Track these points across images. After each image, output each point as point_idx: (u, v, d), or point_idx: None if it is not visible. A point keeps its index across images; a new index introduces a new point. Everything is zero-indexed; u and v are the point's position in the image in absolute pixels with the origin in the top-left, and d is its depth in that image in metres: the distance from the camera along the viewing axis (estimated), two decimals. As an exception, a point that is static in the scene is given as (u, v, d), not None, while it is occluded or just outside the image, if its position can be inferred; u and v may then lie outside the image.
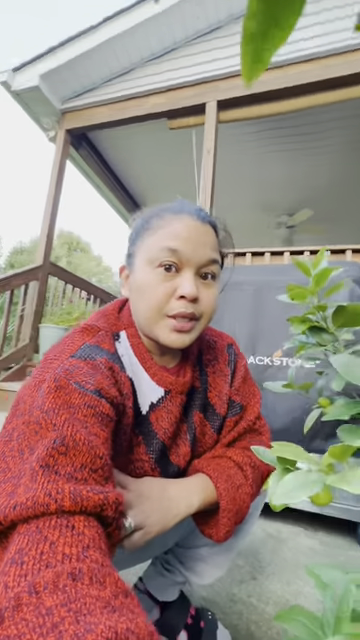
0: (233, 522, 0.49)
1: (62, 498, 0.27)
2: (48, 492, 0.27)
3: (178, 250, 0.45)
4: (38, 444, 0.32)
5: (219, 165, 2.67)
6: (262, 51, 0.23)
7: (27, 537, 0.25)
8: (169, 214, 0.48)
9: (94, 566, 0.23)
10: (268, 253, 2.14)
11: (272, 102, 2.36)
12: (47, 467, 0.29)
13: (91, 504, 0.28)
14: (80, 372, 0.39)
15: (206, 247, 0.47)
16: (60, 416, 0.33)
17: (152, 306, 0.46)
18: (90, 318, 0.51)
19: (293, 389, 0.59)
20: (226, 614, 0.79)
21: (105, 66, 2.70)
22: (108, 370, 0.43)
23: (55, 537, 0.25)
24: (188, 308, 0.46)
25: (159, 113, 2.64)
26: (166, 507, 0.45)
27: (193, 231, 0.47)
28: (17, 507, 0.26)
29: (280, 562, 1.05)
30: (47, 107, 2.87)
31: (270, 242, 4.30)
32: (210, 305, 0.48)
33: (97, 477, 0.32)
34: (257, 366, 1.42)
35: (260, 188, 3.65)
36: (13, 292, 2.56)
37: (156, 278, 0.46)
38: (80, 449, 0.32)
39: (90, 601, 0.20)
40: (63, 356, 0.41)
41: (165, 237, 0.46)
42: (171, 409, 0.51)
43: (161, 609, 0.67)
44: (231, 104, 2.47)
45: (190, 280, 0.46)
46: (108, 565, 0.25)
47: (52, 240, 2.95)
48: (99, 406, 0.37)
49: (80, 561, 0.23)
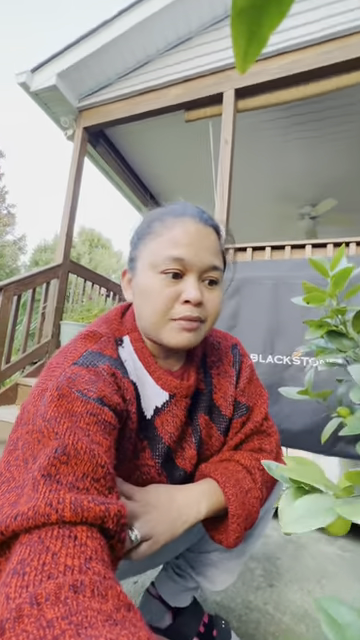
0: (243, 527, 0.48)
1: (63, 508, 0.26)
2: (49, 502, 0.27)
3: (183, 258, 0.45)
4: (40, 453, 0.32)
5: (236, 156, 2.59)
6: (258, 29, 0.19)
7: (29, 547, 0.24)
8: (171, 217, 0.48)
9: (96, 578, 0.23)
10: (288, 247, 2.05)
11: (291, 87, 2.25)
12: (49, 476, 0.29)
13: (92, 515, 0.27)
14: (82, 380, 0.39)
15: (208, 252, 0.47)
16: (62, 425, 0.33)
17: (157, 310, 0.46)
18: (92, 324, 0.50)
19: (310, 397, 0.55)
20: (241, 622, 0.77)
21: (120, 60, 2.68)
22: (110, 377, 0.43)
23: (57, 548, 0.24)
24: (194, 312, 0.45)
25: (175, 105, 2.59)
26: (174, 515, 0.44)
27: (195, 236, 0.46)
28: (18, 517, 0.26)
29: (301, 569, 1.02)
30: (65, 106, 2.89)
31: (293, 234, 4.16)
32: (214, 308, 0.49)
33: (99, 487, 0.31)
34: (275, 366, 1.38)
35: (280, 178, 3.51)
36: (35, 290, 2.63)
37: (160, 283, 0.46)
38: (81, 458, 0.31)
39: (91, 614, 0.20)
40: (65, 364, 0.41)
41: (168, 244, 0.46)
42: (176, 413, 0.50)
43: (173, 615, 0.66)
44: (249, 92, 2.38)
45: (194, 285, 0.46)
46: (110, 578, 0.24)
47: (71, 238, 2.99)
48: (101, 414, 0.37)
49: (82, 573, 0.23)
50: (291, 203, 3.87)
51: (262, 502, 0.51)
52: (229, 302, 1.60)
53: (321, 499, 0.33)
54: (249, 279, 1.57)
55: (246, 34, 0.18)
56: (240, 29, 0.18)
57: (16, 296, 2.43)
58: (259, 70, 2.31)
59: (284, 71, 2.22)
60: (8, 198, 24.05)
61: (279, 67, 2.24)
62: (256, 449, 0.56)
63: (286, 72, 2.21)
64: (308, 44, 2.18)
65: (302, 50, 2.21)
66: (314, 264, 0.45)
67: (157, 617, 0.66)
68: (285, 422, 1.39)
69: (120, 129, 3.09)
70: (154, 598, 0.68)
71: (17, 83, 2.79)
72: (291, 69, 2.21)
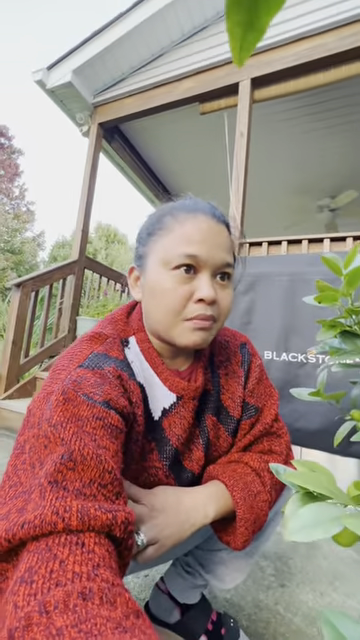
0: (251, 531, 0.47)
1: (69, 517, 0.26)
2: (56, 510, 0.26)
3: (196, 254, 0.44)
4: (47, 459, 0.31)
5: (252, 149, 2.53)
6: (255, 18, 0.18)
7: (37, 555, 0.24)
8: (183, 213, 0.47)
9: (105, 585, 0.23)
10: (305, 241, 1.99)
11: (310, 75, 2.16)
12: (55, 483, 0.29)
13: (98, 524, 0.27)
14: (88, 383, 0.38)
15: (222, 249, 0.46)
16: (68, 430, 0.33)
17: (170, 309, 0.45)
18: (98, 325, 0.50)
19: (322, 399, 0.54)
20: (251, 621, 0.77)
21: (135, 54, 2.66)
22: (116, 379, 0.42)
23: (65, 555, 0.24)
24: (207, 310, 0.45)
25: (190, 98, 2.55)
26: (181, 519, 0.44)
27: (208, 232, 0.45)
28: (25, 525, 0.26)
29: (313, 570, 1.00)
30: (80, 102, 2.91)
31: (313, 227, 4.05)
32: (227, 306, 0.48)
33: (107, 492, 0.31)
34: (290, 364, 1.35)
35: (297, 170, 3.41)
36: (52, 286, 2.69)
37: (172, 280, 0.45)
38: (88, 464, 0.31)
39: (101, 622, 0.20)
40: (71, 366, 0.41)
41: (181, 240, 0.45)
42: (184, 415, 0.50)
43: (182, 611, 0.67)
44: (266, 81, 2.30)
45: (208, 283, 0.45)
46: (119, 584, 0.24)
47: (87, 234, 3.02)
48: (108, 418, 0.37)
49: (91, 580, 0.23)
50: (309, 195, 3.75)
51: (271, 505, 0.50)
52: (243, 298, 1.57)
53: (328, 508, 0.32)
54: (264, 275, 1.54)
55: (242, 23, 0.17)
56: (236, 18, 0.17)
57: (34, 292, 2.49)
58: (276, 58, 2.23)
59: (302, 57, 2.14)
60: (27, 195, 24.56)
61: (296, 54, 2.16)
62: (265, 451, 0.55)
63: (305, 58, 2.13)
64: (328, 28, 2.08)
65: (322, 35, 2.11)
66: (326, 261, 0.43)
67: (166, 612, 0.67)
68: (300, 421, 1.37)
69: (135, 124, 3.08)
70: (163, 593, 0.69)
71: (34, 81, 2.82)
72: (311, 55, 2.12)
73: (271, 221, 4.33)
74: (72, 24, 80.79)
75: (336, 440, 0.55)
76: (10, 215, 18.95)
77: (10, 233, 18.37)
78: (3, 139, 18.46)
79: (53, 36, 76.11)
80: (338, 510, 0.31)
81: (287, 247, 2.05)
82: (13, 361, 2.36)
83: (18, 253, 18.42)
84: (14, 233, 18.64)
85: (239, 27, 0.17)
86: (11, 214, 19.08)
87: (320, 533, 0.29)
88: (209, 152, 3.24)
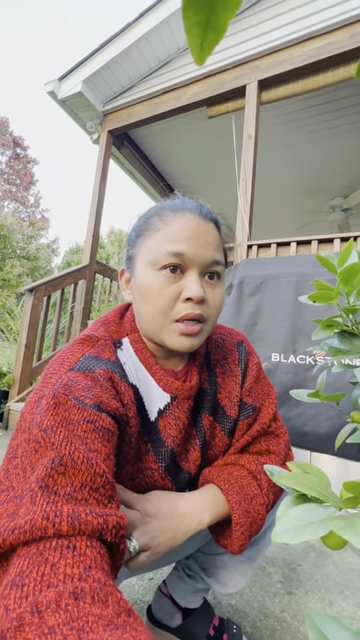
0: (247, 535, 0.47)
1: (60, 522, 0.26)
2: (46, 515, 0.26)
3: (183, 252, 0.44)
4: (38, 463, 0.32)
5: (260, 150, 2.52)
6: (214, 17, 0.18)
7: (27, 559, 0.24)
8: (169, 212, 0.46)
9: (96, 585, 0.23)
10: (315, 241, 1.96)
11: (319, 74, 2.14)
12: (46, 488, 0.29)
13: (89, 528, 0.27)
14: (79, 386, 0.38)
15: (209, 247, 0.45)
16: (58, 434, 0.33)
17: (158, 310, 0.45)
18: (90, 327, 0.50)
19: (321, 400, 0.53)
20: (256, 628, 0.76)
21: (142, 62, 2.71)
22: (108, 381, 0.42)
23: (56, 559, 0.25)
24: (196, 309, 0.44)
25: (198, 102, 2.57)
26: (175, 525, 0.43)
27: (195, 230, 0.45)
28: (15, 530, 0.26)
29: (322, 578, 0.97)
30: (90, 111, 2.97)
31: (325, 228, 3.98)
32: (217, 306, 0.47)
33: (98, 496, 0.31)
34: (298, 366, 1.32)
35: (307, 170, 3.37)
36: (64, 290, 2.74)
37: (160, 280, 0.44)
38: (79, 468, 0.31)
39: (92, 619, 0.20)
40: (62, 370, 0.41)
41: (167, 239, 0.45)
42: (179, 415, 0.49)
43: (183, 615, 0.66)
44: (273, 82, 2.30)
45: (196, 281, 0.44)
46: (110, 584, 0.24)
47: (98, 239, 3.07)
48: (99, 420, 0.37)
49: (82, 581, 0.23)
50: (320, 196, 3.70)
51: (269, 508, 0.49)
52: (250, 300, 1.56)
53: (317, 509, 0.31)
54: (271, 276, 1.52)
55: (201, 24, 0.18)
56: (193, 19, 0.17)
57: (46, 297, 2.54)
58: (284, 59, 2.23)
59: (310, 57, 2.12)
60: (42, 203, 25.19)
61: (304, 54, 2.14)
62: (263, 451, 0.54)
63: (314, 58, 2.11)
64: (337, 26, 2.06)
65: (330, 33, 2.09)
66: (321, 260, 0.43)
67: (167, 616, 0.67)
68: (309, 424, 1.34)
69: (143, 130, 3.13)
70: (165, 596, 0.69)
71: (46, 92, 2.91)
72: (319, 54, 2.11)
73: (282, 223, 4.29)
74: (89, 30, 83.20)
75: (337, 442, 0.54)
76: (26, 223, 19.48)
77: (26, 240, 18.87)
78: (19, 149, 19.06)
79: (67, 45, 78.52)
80: (327, 512, 0.30)
81: (296, 248, 2.02)
82: (26, 364, 2.41)
83: (33, 259, 18.89)
84: (29, 240, 19.14)
85: (197, 27, 0.18)
86: (26, 222, 19.62)
87: (308, 535, 0.28)
88: (217, 155, 3.25)
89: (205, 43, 0.18)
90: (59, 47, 78.05)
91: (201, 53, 0.18)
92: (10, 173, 18.96)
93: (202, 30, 0.18)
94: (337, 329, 0.47)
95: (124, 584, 0.87)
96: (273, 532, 0.29)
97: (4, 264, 17.50)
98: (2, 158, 18.65)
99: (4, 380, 2.67)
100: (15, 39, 59.91)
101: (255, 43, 2.31)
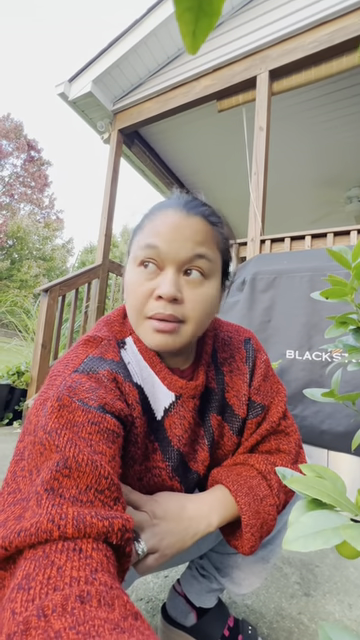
0: (258, 537, 0.45)
1: (65, 524, 0.26)
2: (52, 518, 0.26)
3: (157, 246, 0.43)
4: (43, 466, 0.32)
5: (272, 143, 2.46)
6: (208, 0, 0.18)
7: (34, 562, 0.24)
8: (156, 210, 0.46)
9: (102, 589, 0.23)
10: (331, 234, 1.90)
11: (332, 60, 2.07)
12: (52, 490, 0.29)
13: (94, 531, 0.27)
14: (83, 388, 0.38)
15: (189, 241, 0.43)
16: (63, 437, 0.33)
17: (133, 307, 0.45)
18: (94, 328, 0.50)
19: (336, 399, 0.51)
20: (272, 629, 0.75)
21: (151, 58, 2.69)
22: (112, 382, 0.42)
23: (62, 561, 0.24)
24: (166, 309, 0.42)
25: (208, 96, 2.53)
26: (183, 528, 0.42)
27: (172, 225, 0.43)
28: (21, 533, 0.26)
29: (341, 580, 0.95)
30: (100, 110, 2.99)
31: (342, 220, 3.87)
32: (197, 307, 0.43)
33: (104, 498, 0.31)
34: (313, 363, 1.29)
35: (321, 161, 3.27)
36: (78, 290, 2.78)
37: (137, 277, 0.44)
38: (83, 470, 0.31)
39: (99, 623, 0.20)
40: (66, 371, 0.41)
41: (147, 234, 0.44)
42: (184, 414, 0.49)
43: (197, 615, 0.66)
44: (284, 72, 2.23)
45: (168, 278, 0.42)
46: (117, 587, 0.24)
47: (110, 238, 3.09)
48: (103, 422, 0.36)
49: (88, 584, 0.23)
50: (336, 187, 3.58)
51: (280, 508, 0.48)
52: (263, 296, 1.53)
53: (331, 516, 0.30)
54: (285, 271, 1.48)
55: (193, 9, 0.17)
56: (185, 4, 0.16)
57: (61, 297, 2.58)
58: (294, 47, 2.16)
59: (323, 43, 2.05)
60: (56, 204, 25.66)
61: (316, 40, 2.07)
62: (273, 450, 0.53)
63: (326, 43, 2.04)
64: (351, 9, 1.98)
65: (343, 17, 2.01)
66: (333, 254, 0.41)
67: (182, 615, 0.66)
68: (327, 422, 1.31)
69: (153, 127, 3.11)
70: (179, 595, 0.69)
71: (57, 94, 2.94)
72: (332, 39, 2.03)
73: (296, 217, 4.19)
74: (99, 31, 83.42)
75: (354, 444, 0.52)
76: (41, 224, 19.87)
77: (41, 241, 19.25)
78: (33, 152, 19.42)
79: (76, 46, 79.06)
80: (341, 519, 0.29)
81: (311, 242, 1.97)
82: (43, 363, 2.46)
83: (49, 260, 19.25)
84: (45, 241, 19.51)
85: (189, 12, 0.17)
86: (42, 223, 20.02)
87: (320, 543, 0.27)
88: (228, 149, 3.20)
89: (198, 30, 0.17)
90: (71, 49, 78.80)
91: (194, 41, 0.17)
92: (25, 176, 19.37)
93: (194, 16, 0.17)
94: (352, 326, 0.45)
95: (139, 581, 0.88)
96: (284, 539, 0.28)
97: (21, 265, 17.93)
98: (17, 161, 19.06)
99: (23, 379, 2.74)
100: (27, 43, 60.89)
101: (265, 32, 2.25)
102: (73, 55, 77.64)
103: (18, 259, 18.25)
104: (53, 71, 69.58)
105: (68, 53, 78.55)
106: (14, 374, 2.77)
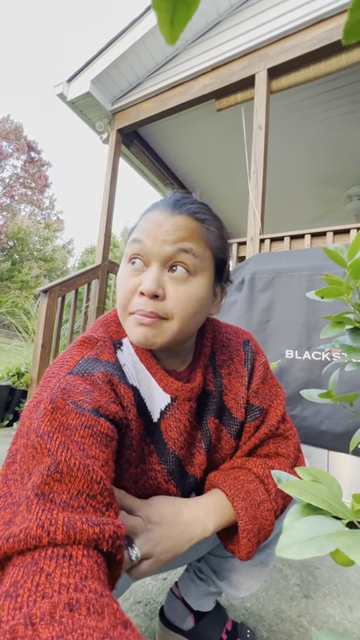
0: (255, 542, 0.45)
1: (55, 531, 0.26)
2: (41, 524, 0.26)
3: (141, 241, 0.43)
4: (35, 470, 0.31)
5: (271, 141, 2.45)
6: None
7: (22, 569, 0.24)
8: (148, 210, 0.47)
9: (92, 596, 0.22)
10: (330, 233, 1.89)
11: (330, 58, 2.06)
12: (42, 495, 0.28)
13: (85, 538, 0.27)
14: (77, 390, 0.38)
15: (172, 236, 0.42)
16: (55, 440, 0.32)
17: (120, 303, 0.45)
18: (90, 329, 0.49)
19: (333, 400, 0.50)
20: (271, 632, 0.74)
21: (149, 58, 2.68)
22: (107, 384, 0.41)
23: (51, 568, 0.24)
24: (147, 306, 0.41)
25: (207, 95, 2.52)
26: (178, 533, 0.42)
27: (159, 222, 0.43)
28: (10, 539, 0.25)
29: (342, 582, 0.94)
30: (99, 111, 2.98)
31: (342, 219, 3.85)
32: (180, 305, 0.42)
33: (95, 504, 0.30)
34: (313, 362, 1.28)
35: (321, 159, 3.25)
36: (77, 290, 2.77)
37: (125, 274, 0.45)
38: (75, 475, 0.30)
39: (87, 632, 0.20)
40: (61, 373, 0.40)
41: (135, 232, 0.45)
42: (179, 417, 0.48)
43: (195, 618, 0.65)
44: (283, 70, 2.22)
45: (151, 275, 0.42)
46: (107, 595, 0.24)
47: (109, 238, 3.09)
48: (97, 426, 0.36)
49: (78, 591, 0.22)
50: (336, 185, 3.57)
51: (277, 513, 0.47)
52: (262, 295, 1.52)
53: (325, 522, 0.29)
54: (283, 270, 1.47)
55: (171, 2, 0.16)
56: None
57: (60, 297, 2.58)
58: (292, 44, 2.15)
59: (321, 41, 2.04)
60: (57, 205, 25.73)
61: (314, 37, 2.06)
62: (272, 454, 0.52)
63: (325, 41, 2.03)
64: (343, 9, 1.97)
65: (343, 14, 2.00)
66: (328, 253, 0.40)
67: (180, 618, 0.66)
68: (326, 423, 1.30)
69: (152, 127, 3.11)
70: (177, 599, 0.68)
71: (55, 94, 2.94)
72: (331, 36, 2.02)
73: (296, 215, 4.18)
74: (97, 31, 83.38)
75: (352, 445, 0.51)
76: (41, 225, 19.90)
77: (42, 242, 19.28)
78: (33, 153, 19.45)
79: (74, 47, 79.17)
80: (336, 525, 0.28)
81: (311, 240, 1.96)
82: (43, 363, 2.46)
83: (50, 260, 19.28)
84: (45, 242, 19.54)
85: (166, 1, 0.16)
86: (42, 224, 20.05)
87: (313, 551, 0.26)
88: (227, 148, 3.19)
89: (176, 19, 0.16)
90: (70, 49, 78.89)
91: (172, 30, 0.16)
92: (25, 177, 19.40)
93: (171, 4, 0.16)
94: (349, 326, 0.44)
95: (137, 584, 0.87)
96: (277, 545, 0.27)
97: (22, 266, 17.97)
98: (17, 163, 19.10)
99: (23, 380, 2.74)
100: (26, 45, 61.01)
101: (263, 30, 2.24)
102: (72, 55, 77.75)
103: (19, 260, 18.29)
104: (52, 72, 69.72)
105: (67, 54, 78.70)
106: (14, 375, 2.77)
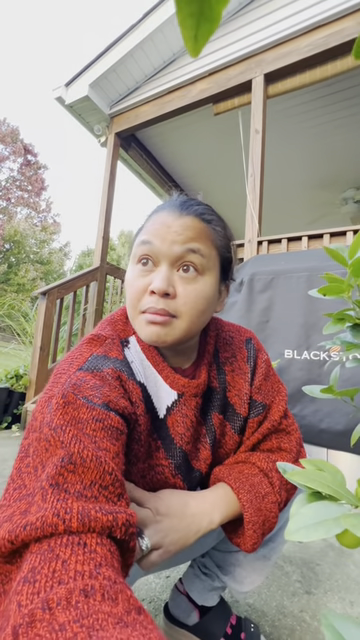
0: (260, 534, 0.46)
1: (70, 518, 0.27)
2: (57, 512, 0.27)
3: (150, 242, 0.44)
4: (48, 462, 0.32)
5: (268, 145, 2.49)
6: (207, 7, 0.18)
7: (39, 556, 0.25)
8: (154, 212, 0.48)
9: (106, 583, 0.23)
10: (327, 235, 1.92)
11: (327, 64, 2.10)
12: (57, 486, 0.29)
13: (99, 525, 0.28)
14: (87, 386, 0.39)
15: (181, 237, 0.44)
16: (67, 433, 0.33)
17: (130, 302, 0.46)
18: (98, 327, 0.51)
19: (334, 395, 0.51)
20: (274, 627, 0.75)
21: (147, 62, 2.71)
22: (116, 380, 0.42)
23: (67, 555, 0.25)
24: (158, 304, 0.43)
25: (204, 99, 2.56)
26: (186, 524, 0.43)
27: (168, 223, 0.45)
28: (27, 527, 0.26)
29: (342, 578, 0.96)
30: (97, 114, 3.00)
31: (338, 222, 3.90)
32: (189, 302, 0.44)
33: (108, 494, 0.32)
34: (312, 362, 1.30)
35: (317, 163, 3.30)
36: (76, 293, 2.78)
37: (134, 274, 0.46)
38: (88, 466, 0.31)
39: (102, 617, 0.21)
40: (71, 369, 0.41)
41: (143, 233, 0.46)
42: (186, 413, 0.49)
43: (200, 613, 0.66)
44: (280, 75, 2.26)
45: (161, 274, 0.43)
46: (121, 582, 0.25)
47: (108, 241, 3.10)
48: (107, 419, 0.37)
49: (93, 578, 0.23)
50: (332, 188, 3.62)
51: (281, 506, 0.48)
52: (261, 296, 1.54)
53: (331, 507, 0.30)
54: (282, 271, 1.50)
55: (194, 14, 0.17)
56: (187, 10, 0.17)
57: (59, 300, 2.58)
58: (289, 50, 2.19)
59: (318, 47, 2.08)
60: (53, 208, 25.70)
61: (311, 44, 2.10)
62: (274, 449, 0.53)
63: (321, 47, 2.07)
64: (346, 13, 2.01)
65: (339, 21, 2.05)
66: (329, 252, 0.42)
67: (184, 614, 0.67)
68: (325, 421, 1.32)
69: (150, 131, 3.14)
70: (181, 594, 0.69)
71: (53, 98, 2.96)
72: (327, 43, 2.06)
73: (293, 218, 4.22)
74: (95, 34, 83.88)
75: (353, 439, 0.53)
76: (38, 228, 19.87)
77: (38, 245, 19.24)
78: (30, 156, 19.44)
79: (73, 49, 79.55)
80: (341, 509, 0.30)
81: (308, 243, 1.99)
82: (41, 366, 2.46)
83: (46, 263, 19.24)
84: (42, 244, 19.50)
85: (191, 18, 0.17)
86: (39, 227, 20.01)
87: (321, 533, 0.27)
88: (225, 152, 3.23)
89: (199, 34, 0.18)
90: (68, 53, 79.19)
91: (195, 44, 0.18)
92: (22, 180, 19.37)
93: (196, 21, 0.17)
94: (350, 322, 0.46)
95: (141, 582, 0.88)
96: (286, 530, 0.28)
97: (19, 269, 17.91)
98: (14, 165, 19.07)
99: (21, 382, 2.73)
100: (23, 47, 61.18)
101: (260, 36, 2.28)
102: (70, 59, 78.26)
103: (15, 263, 18.23)
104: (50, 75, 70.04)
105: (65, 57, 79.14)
106: (12, 377, 2.75)
